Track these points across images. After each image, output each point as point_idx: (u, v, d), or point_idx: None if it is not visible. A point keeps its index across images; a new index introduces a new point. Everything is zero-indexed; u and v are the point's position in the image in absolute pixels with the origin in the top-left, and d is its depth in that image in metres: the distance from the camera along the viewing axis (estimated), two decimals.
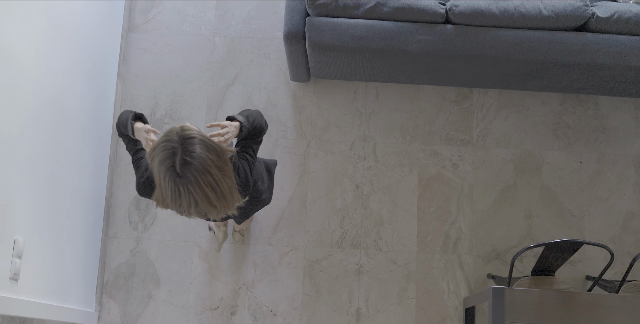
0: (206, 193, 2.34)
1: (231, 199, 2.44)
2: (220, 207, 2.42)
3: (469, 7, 3.32)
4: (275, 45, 4.16)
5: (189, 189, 2.32)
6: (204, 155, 2.31)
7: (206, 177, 2.32)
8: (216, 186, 2.36)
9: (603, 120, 4.06)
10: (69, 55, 3.25)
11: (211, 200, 2.37)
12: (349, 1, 3.34)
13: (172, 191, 2.33)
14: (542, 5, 3.32)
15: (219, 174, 2.36)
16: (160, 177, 2.33)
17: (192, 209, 2.38)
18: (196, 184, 2.31)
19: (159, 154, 2.31)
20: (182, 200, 2.35)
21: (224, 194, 2.40)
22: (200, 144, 2.33)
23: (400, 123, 4.04)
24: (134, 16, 4.21)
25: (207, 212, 2.41)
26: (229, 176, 2.41)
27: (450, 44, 3.35)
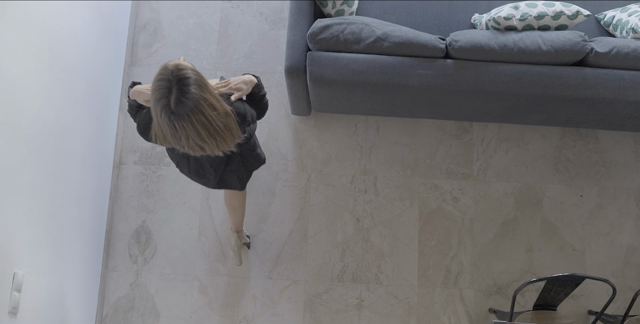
0: (199, 131, 2.46)
1: (229, 134, 2.56)
2: (214, 144, 2.54)
3: (468, 42, 3.35)
4: (276, 79, 4.19)
5: (183, 126, 2.43)
6: (197, 95, 2.41)
7: (199, 116, 2.43)
8: (209, 124, 2.47)
9: (603, 154, 4.07)
10: (71, 88, 3.28)
11: (203, 137, 2.49)
12: (349, 36, 3.37)
13: (170, 127, 2.45)
14: (540, 40, 3.35)
15: (212, 113, 2.47)
16: (157, 115, 2.44)
17: (190, 142, 2.50)
18: (189, 121, 2.43)
19: (154, 92, 2.41)
20: (179, 135, 2.47)
21: (218, 131, 2.51)
22: (194, 84, 2.41)
23: (401, 157, 4.05)
24: (137, 50, 4.25)
25: (204, 147, 2.53)
26: (222, 113, 2.51)
27: (450, 79, 3.37)
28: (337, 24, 3.40)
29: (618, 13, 3.69)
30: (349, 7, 3.63)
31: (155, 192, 3.99)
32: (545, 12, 3.39)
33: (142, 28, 4.31)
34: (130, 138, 4.08)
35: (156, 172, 4.03)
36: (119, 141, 4.02)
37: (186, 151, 2.57)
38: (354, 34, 3.38)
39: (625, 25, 3.56)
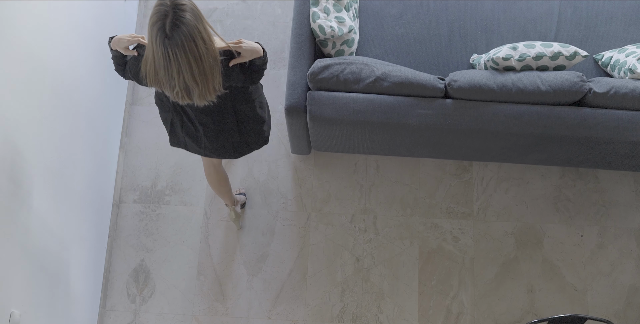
0: (190, 63, 2.53)
1: (212, 79, 2.63)
2: (201, 85, 2.61)
3: (467, 82, 3.37)
4: (276, 119, 4.21)
5: (175, 53, 2.50)
6: (192, 23, 2.47)
7: (191, 45, 2.50)
8: (199, 59, 2.55)
9: (603, 193, 4.07)
10: (72, 126, 3.29)
11: (194, 73, 2.56)
12: (349, 76, 3.40)
13: (163, 55, 2.51)
14: (539, 80, 3.37)
15: (203, 46, 2.54)
16: (152, 42, 2.50)
17: (180, 80, 2.57)
18: (182, 48, 2.49)
19: (152, 17, 2.47)
20: (172, 68, 2.53)
21: (205, 71, 2.59)
22: (190, 12, 2.47)
23: (401, 196, 4.05)
24: (138, 89, 4.28)
25: (191, 90, 2.61)
26: (212, 55, 2.59)
27: (449, 118, 3.38)
28: (337, 64, 3.43)
29: (615, 54, 3.72)
30: (348, 47, 3.66)
31: (155, 231, 3.98)
32: (544, 53, 3.42)
33: None
34: (130, 176, 4.08)
35: (156, 211, 4.02)
36: (119, 180, 4.03)
37: (174, 96, 2.64)
38: (353, 74, 3.41)
39: (623, 66, 3.59)
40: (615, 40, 3.90)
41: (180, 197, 4.05)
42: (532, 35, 3.89)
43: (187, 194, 4.05)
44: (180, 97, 2.66)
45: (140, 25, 4.40)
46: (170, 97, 2.69)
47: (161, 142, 4.16)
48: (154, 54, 2.54)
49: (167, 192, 4.06)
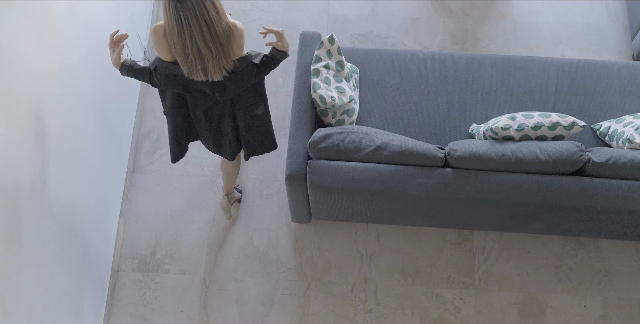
0: (201, 27, 2.78)
1: (226, 45, 2.88)
2: (215, 51, 2.85)
3: (467, 151, 3.40)
4: (277, 187, 4.22)
5: (187, 17, 2.74)
6: None
7: (202, 8, 2.74)
8: (210, 22, 2.78)
9: (605, 263, 4.04)
10: (72, 193, 3.29)
11: (206, 38, 2.80)
12: (350, 145, 3.42)
13: (176, 20, 2.76)
14: (538, 150, 3.40)
15: (213, 10, 2.78)
16: (166, 10, 2.75)
17: (194, 48, 2.82)
18: (193, 12, 2.73)
19: None
20: (184, 32, 2.77)
21: (218, 35, 2.83)
22: None
23: (402, 265, 4.02)
24: (139, 157, 4.31)
25: (206, 58, 2.86)
26: (223, 20, 2.83)
27: (449, 188, 3.39)
28: (338, 133, 3.46)
29: (613, 124, 3.76)
30: (349, 117, 3.70)
31: (153, 300, 3.93)
32: (542, 123, 3.46)
33: (145, 136, 4.38)
34: (130, 244, 4.06)
35: (154, 280, 3.98)
36: (118, 248, 4.00)
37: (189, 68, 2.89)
38: (354, 143, 3.43)
39: (621, 136, 3.62)
40: (613, 111, 3.95)
41: (179, 265, 4.02)
42: (530, 106, 3.94)
43: (186, 263, 4.02)
44: (194, 69, 2.91)
45: (143, 95, 4.46)
46: (186, 72, 2.93)
47: (161, 210, 4.16)
48: (168, 22, 2.78)
49: (167, 260, 4.03)
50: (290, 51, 4.66)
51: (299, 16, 4.78)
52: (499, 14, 4.78)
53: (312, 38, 3.90)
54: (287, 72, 4.58)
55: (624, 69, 4.04)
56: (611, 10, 4.80)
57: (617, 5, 4.81)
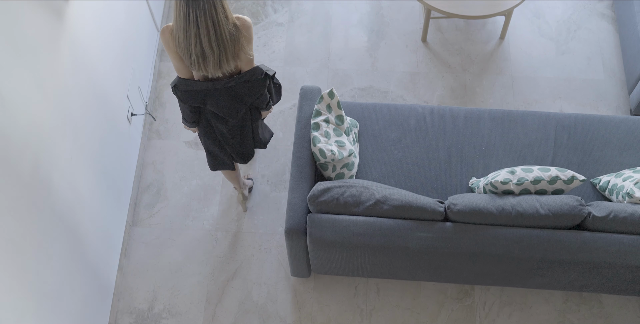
0: (208, 27, 2.91)
1: (231, 47, 3.03)
2: (217, 52, 3.00)
3: (466, 205, 3.39)
4: (276, 241, 4.20)
5: (196, 15, 2.86)
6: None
7: (212, 9, 2.87)
8: (218, 24, 2.92)
9: (608, 319, 3.99)
10: (70, 247, 3.28)
11: (211, 39, 2.94)
12: (349, 199, 3.42)
13: (184, 16, 2.88)
14: (538, 204, 3.39)
15: (223, 13, 2.91)
16: (177, 5, 2.88)
17: (197, 47, 2.96)
18: (203, 11, 2.85)
19: None
20: (190, 29, 2.90)
21: (223, 37, 2.97)
22: None
23: (402, 320, 3.97)
24: (139, 210, 4.30)
25: (207, 57, 3.00)
26: (231, 23, 2.97)
27: (449, 242, 3.38)
28: (338, 187, 3.46)
29: (613, 178, 3.76)
30: (349, 171, 3.71)
31: None
32: (542, 177, 3.46)
33: (145, 189, 4.38)
34: (127, 299, 4.02)
35: None
36: (116, 302, 3.96)
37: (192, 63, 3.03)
38: (353, 197, 3.43)
39: (621, 190, 3.62)
40: (612, 165, 3.96)
41: (177, 320, 3.97)
42: (530, 160, 3.95)
43: (185, 318, 3.97)
44: (197, 66, 3.06)
45: (143, 148, 4.48)
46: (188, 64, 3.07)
47: (160, 263, 4.13)
48: (176, 18, 2.91)
49: (164, 315, 3.98)
50: (290, 105, 4.70)
51: (300, 71, 4.84)
52: (497, 69, 4.84)
53: (312, 92, 3.93)
54: (287, 126, 4.61)
55: (622, 123, 4.07)
56: (608, 65, 4.86)
57: (613, 60, 4.88)
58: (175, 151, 4.52)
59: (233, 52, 3.07)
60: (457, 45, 4.95)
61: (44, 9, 2.92)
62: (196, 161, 4.48)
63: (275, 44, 4.94)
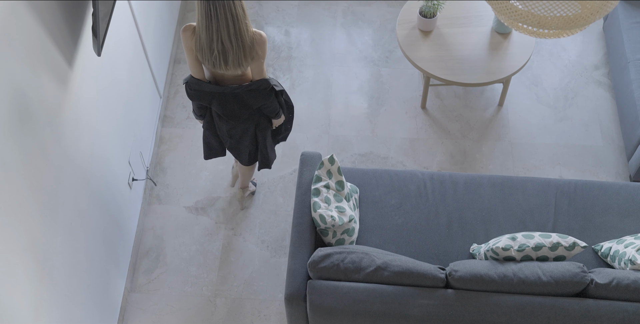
0: (227, 21, 3.20)
1: (247, 44, 3.32)
2: (235, 47, 3.28)
3: (468, 272, 3.37)
4: (276, 307, 4.15)
5: (216, 8, 3.15)
6: None
7: (230, 4, 3.16)
8: (236, 18, 3.21)
9: None
10: (66, 315, 3.24)
11: (230, 33, 3.23)
12: (350, 265, 3.40)
13: (206, 11, 3.18)
14: (540, 271, 3.37)
15: (240, 9, 3.21)
16: (199, 6, 3.18)
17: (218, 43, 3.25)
18: (222, 5, 3.15)
19: None
20: (211, 25, 3.20)
21: (241, 32, 3.26)
22: None
23: None
24: (138, 276, 4.26)
25: (227, 52, 3.29)
26: (247, 21, 3.27)
27: (451, 309, 3.34)
28: (338, 253, 3.44)
29: (614, 244, 3.75)
30: (349, 237, 3.70)
31: None
32: (543, 243, 3.45)
33: (145, 254, 4.36)
34: None
35: None
36: None
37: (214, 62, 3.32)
38: (354, 263, 3.41)
39: (623, 257, 3.60)
40: (613, 231, 3.95)
41: None
42: (531, 226, 3.94)
43: None
44: (218, 63, 3.34)
45: (144, 212, 4.48)
46: (210, 66, 3.38)
47: None
48: (198, 15, 3.21)
49: None
50: (291, 171, 4.72)
51: (300, 137, 4.88)
52: (496, 135, 4.88)
53: (313, 158, 3.96)
54: (287, 192, 4.62)
55: (622, 189, 4.08)
56: (606, 132, 4.90)
57: (611, 127, 4.92)
58: (175, 216, 4.52)
59: (251, 51, 3.37)
60: (456, 112, 5.00)
61: (49, 76, 2.97)
62: (196, 226, 4.47)
63: None
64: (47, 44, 2.94)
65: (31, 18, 2.78)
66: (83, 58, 3.37)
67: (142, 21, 4.36)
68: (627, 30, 4.85)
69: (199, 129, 4.88)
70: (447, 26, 4.79)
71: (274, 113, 3.71)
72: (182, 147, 4.81)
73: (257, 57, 3.41)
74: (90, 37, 3.46)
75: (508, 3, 2.94)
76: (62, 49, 3.11)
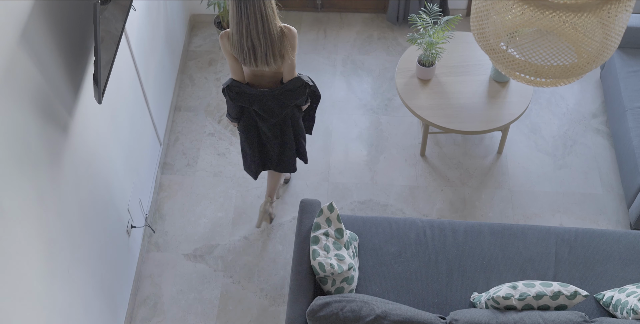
0: (257, 20, 3.40)
1: (277, 41, 3.53)
2: (264, 45, 3.50)
3: (469, 321, 3.33)
4: None
5: (246, 6, 3.35)
6: None
7: (260, 4, 3.37)
8: (266, 18, 3.42)
9: None
10: None
11: (259, 31, 3.44)
12: (349, 314, 3.36)
13: (237, 9, 3.39)
14: (541, 320, 3.33)
15: (270, 9, 3.43)
16: (231, 6, 3.41)
17: (248, 40, 3.47)
18: (252, 6, 3.36)
19: None
20: (242, 21, 3.41)
21: (271, 31, 3.48)
22: None
23: None
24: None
25: (256, 49, 3.50)
26: (277, 21, 3.49)
27: None
28: (337, 301, 3.41)
29: (616, 293, 3.71)
30: (348, 285, 3.66)
31: None
32: (544, 292, 3.42)
33: (142, 302, 4.31)
34: None
35: None
36: None
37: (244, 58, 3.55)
38: (353, 312, 3.37)
39: (625, 306, 3.56)
40: (615, 280, 3.92)
41: None
42: (531, 274, 3.91)
43: None
44: (248, 59, 3.56)
45: (142, 259, 4.45)
46: (241, 62, 3.61)
47: None
48: (231, 14, 3.42)
49: None
50: (290, 218, 4.71)
51: (300, 184, 4.88)
52: (496, 183, 4.88)
53: (312, 205, 3.95)
54: (286, 239, 4.60)
55: (623, 238, 4.06)
56: (605, 180, 4.90)
57: (610, 175, 4.93)
58: (173, 263, 4.49)
59: (280, 49, 3.57)
60: (455, 160, 5.02)
61: (49, 123, 2.99)
62: (194, 274, 4.44)
63: None
64: (49, 92, 2.97)
65: (33, 65, 2.81)
66: (84, 105, 3.40)
67: (143, 68, 4.41)
68: (624, 79, 4.90)
69: (199, 176, 4.89)
70: (445, 74, 4.84)
71: (303, 102, 3.97)
72: (181, 195, 4.81)
73: (287, 53, 3.62)
74: (92, 85, 3.49)
75: (505, 53, 2.98)
76: (64, 96, 3.13)
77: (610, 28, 2.75)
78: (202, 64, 5.60)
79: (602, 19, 2.68)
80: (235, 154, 5.00)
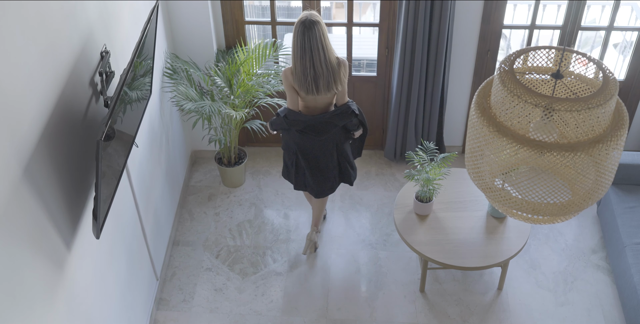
0: (319, 51, 3.98)
1: (335, 69, 4.12)
2: (326, 73, 4.07)
3: None
4: None
5: (310, 40, 3.95)
6: (323, 26, 3.99)
7: (322, 37, 3.98)
8: (327, 49, 4.03)
9: None
10: None
11: (322, 60, 4.02)
12: None
13: (301, 44, 3.98)
14: None
15: (329, 41, 4.02)
16: (295, 38, 3.99)
17: (310, 70, 4.03)
18: (315, 38, 3.96)
19: (296, 24, 3.99)
20: (305, 55, 4.00)
21: (331, 60, 4.08)
22: (321, 21, 3.98)
23: None
24: None
25: (319, 78, 4.07)
26: (333, 51, 4.11)
27: None
28: None
29: None
30: None
31: None
32: None
33: None
34: None
35: None
36: None
37: (307, 87, 4.11)
38: None
39: None
40: None
41: None
42: None
43: None
44: (311, 88, 4.11)
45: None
46: (303, 91, 4.17)
47: None
48: (294, 47, 4.00)
49: None
50: None
51: (297, 321, 4.78)
52: (497, 320, 4.78)
53: None
54: None
55: None
56: (609, 317, 4.81)
57: (614, 312, 4.84)
58: None
59: (338, 76, 4.13)
60: (455, 296, 4.94)
61: (46, 260, 2.97)
62: None
63: (273, 294, 4.93)
64: (47, 226, 2.98)
65: (33, 200, 2.83)
66: (81, 240, 3.39)
67: (143, 203, 4.44)
68: (620, 215, 4.93)
69: (195, 312, 4.79)
70: (443, 210, 4.87)
71: (355, 127, 4.51)
72: None
73: (342, 80, 4.18)
74: (90, 220, 3.50)
75: (502, 191, 3.01)
76: (62, 231, 3.14)
77: (603, 165, 2.80)
78: (201, 198, 5.65)
79: (594, 157, 2.74)
80: (232, 290, 4.93)
